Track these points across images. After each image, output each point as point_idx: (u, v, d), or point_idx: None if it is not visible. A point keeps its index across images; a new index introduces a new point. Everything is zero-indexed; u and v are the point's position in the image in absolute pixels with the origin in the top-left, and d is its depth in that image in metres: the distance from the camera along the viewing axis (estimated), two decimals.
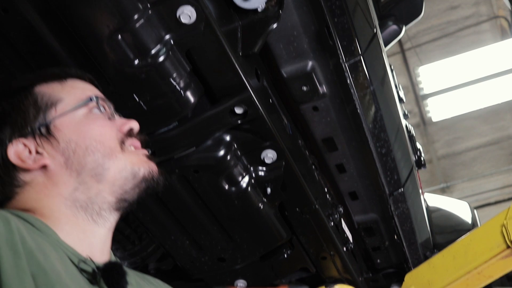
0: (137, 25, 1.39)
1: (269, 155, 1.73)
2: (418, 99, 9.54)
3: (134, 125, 1.25)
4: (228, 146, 1.69)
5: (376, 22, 2.01)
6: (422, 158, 2.65)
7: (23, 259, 0.94)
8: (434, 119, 9.71)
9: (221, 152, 1.68)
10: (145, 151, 1.25)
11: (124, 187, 1.16)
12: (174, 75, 1.49)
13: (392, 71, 2.74)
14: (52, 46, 1.43)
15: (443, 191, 9.80)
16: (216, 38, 1.49)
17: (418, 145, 2.73)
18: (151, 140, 1.62)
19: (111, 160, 1.16)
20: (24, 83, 1.22)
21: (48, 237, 1.05)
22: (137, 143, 1.24)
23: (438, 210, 3.72)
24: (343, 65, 1.78)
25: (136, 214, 1.84)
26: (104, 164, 1.15)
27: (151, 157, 1.25)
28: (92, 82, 1.31)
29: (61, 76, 1.25)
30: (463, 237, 2.36)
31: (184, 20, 1.42)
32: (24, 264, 0.94)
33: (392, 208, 2.21)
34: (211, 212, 1.84)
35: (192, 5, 1.41)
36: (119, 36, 1.38)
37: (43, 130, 1.15)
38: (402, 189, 2.19)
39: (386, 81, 2.09)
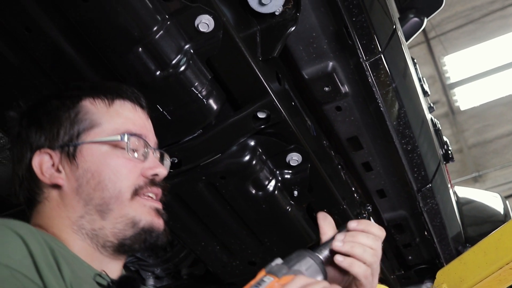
0: (157, 36, 1.40)
1: (294, 158, 1.74)
2: (445, 88, 9.42)
3: (161, 172, 1.21)
4: (253, 151, 1.70)
5: (396, 17, 1.99)
6: (449, 152, 2.62)
7: (58, 273, 0.97)
8: (463, 108, 9.57)
9: (247, 158, 1.69)
10: (157, 205, 1.21)
11: (124, 232, 1.15)
12: (196, 84, 1.50)
13: (415, 64, 2.72)
14: (74, 61, 1.45)
15: (475, 180, 9.66)
16: (235, 45, 1.50)
17: (445, 138, 2.70)
18: (177, 149, 1.64)
19: (116, 204, 1.14)
20: (74, 93, 1.21)
21: (64, 251, 1.07)
22: (157, 191, 1.21)
23: (469, 202, 3.68)
24: (363, 64, 1.78)
25: (167, 222, 1.86)
26: (109, 204, 1.14)
27: (161, 212, 1.21)
28: (143, 108, 1.27)
29: (111, 94, 1.22)
30: (493, 232, 2.33)
31: (203, 29, 1.43)
32: (59, 278, 0.97)
33: (421, 205, 2.20)
34: (239, 216, 1.85)
35: (210, 14, 1.42)
36: (140, 49, 1.40)
37: (70, 149, 1.15)
38: (430, 184, 2.18)
39: (408, 77, 2.08)
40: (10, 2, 1.33)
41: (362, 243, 1.13)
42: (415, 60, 2.80)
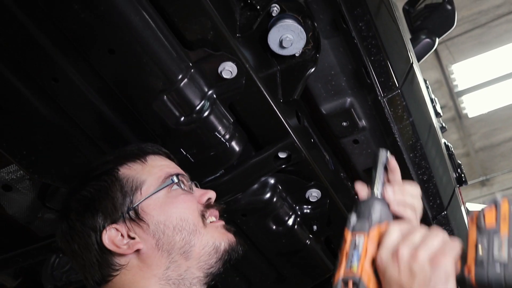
0: (181, 84, 1.43)
1: (314, 194, 1.77)
2: (452, 92, 9.41)
3: (212, 195, 1.32)
4: (273, 189, 1.73)
5: (412, 54, 2.01)
6: (463, 175, 2.64)
7: None
8: (470, 115, 9.57)
9: (267, 195, 1.72)
10: (222, 222, 1.31)
11: (209, 261, 1.22)
12: (219, 128, 1.53)
13: (427, 85, 2.74)
14: (100, 109, 1.48)
15: (482, 184, 9.66)
16: (257, 89, 1.53)
17: (458, 161, 2.72)
18: None
19: (196, 236, 1.22)
20: (107, 167, 1.28)
21: None
22: (216, 213, 1.31)
23: None
24: (381, 100, 1.80)
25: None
26: (190, 241, 1.21)
27: (229, 227, 1.31)
28: (168, 156, 1.38)
29: (140, 155, 1.31)
30: None
31: (226, 75, 1.46)
32: None
33: None
34: (259, 250, 1.88)
35: (233, 61, 1.45)
36: (165, 97, 1.43)
37: (132, 214, 1.21)
38: (445, 212, 2.20)
39: (424, 108, 2.10)
40: (39, 53, 1.36)
41: (409, 191, 1.26)
42: (427, 82, 2.82)
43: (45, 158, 1.56)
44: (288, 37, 1.54)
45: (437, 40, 2.99)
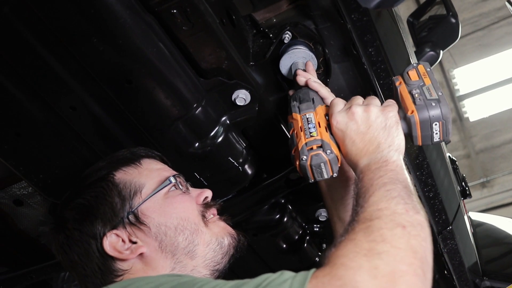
0: (196, 112, 1.47)
1: (324, 214, 1.81)
2: (453, 95, 9.44)
3: (208, 194, 1.34)
4: (283, 209, 1.77)
5: None
6: (467, 188, 2.67)
7: None
8: (472, 119, 9.59)
9: (278, 215, 1.76)
10: (222, 218, 1.33)
11: (215, 258, 1.24)
12: (232, 152, 1.56)
13: None
14: (116, 135, 1.51)
15: (483, 185, 9.69)
16: (270, 115, 1.57)
17: (463, 174, 2.75)
18: None
19: (198, 235, 1.23)
20: (102, 173, 1.28)
21: None
22: (215, 211, 1.33)
23: (481, 224, 3.73)
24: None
25: None
26: (193, 240, 1.22)
27: (227, 219, 1.33)
28: (161, 159, 1.40)
29: (133, 159, 1.32)
30: None
31: (240, 103, 1.50)
32: None
33: (441, 246, 2.25)
34: (269, 267, 1.92)
35: (247, 89, 1.48)
36: (180, 124, 1.46)
37: (132, 218, 1.21)
38: (450, 227, 2.23)
39: None
40: (58, 84, 1.39)
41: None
42: None
43: (61, 181, 1.59)
44: (298, 62, 1.57)
45: (441, 53, 3.01)
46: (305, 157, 1.22)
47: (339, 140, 1.24)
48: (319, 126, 1.26)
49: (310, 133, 1.25)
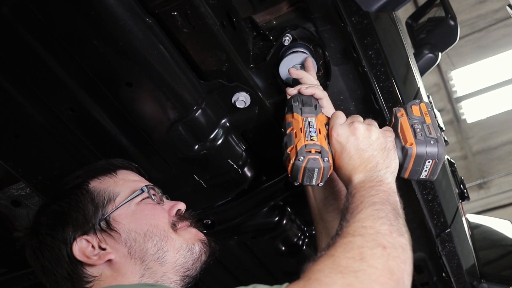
0: (196, 114, 1.47)
1: None
2: (450, 96, 9.45)
3: (181, 206, 1.35)
4: (282, 211, 1.77)
5: (418, 76, 2.04)
6: (465, 190, 2.67)
7: None
8: (469, 121, 9.61)
9: (277, 218, 1.76)
10: (192, 224, 1.34)
11: (185, 264, 1.25)
12: (232, 155, 1.56)
13: (430, 103, 2.77)
14: (115, 137, 1.51)
15: (479, 187, 9.70)
16: (270, 118, 1.56)
17: (461, 177, 2.75)
18: (211, 212, 1.71)
19: (168, 242, 1.24)
20: (77, 181, 1.31)
21: None
22: (188, 223, 1.33)
23: (479, 226, 3.74)
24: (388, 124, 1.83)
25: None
26: (163, 247, 1.23)
27: (199, 226, 1.34)
28: (138, 171, 1.41)
29: (110, 169, 1.34)
30: None
31: (240, 105, 1.49)
32: None
33: (440, 249, 2.25)
34: (268, 269, 1.92)
35: (247, 92, 1.48)
36: (180, 126, 1.46)
37: (103, 225, 1.23)
38: (449, 229, 2.23)
39: None
40: (57, 86, 1.38)
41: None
42: (430, 98, 2.85)
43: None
44: (299, 66, 1.56)
45: (439, 55, 3.01)
46: (302, 157, 1.21)
47: (336, 152, 1.25)
48: (319, 133, 1.27)
49: (311, 136, 1.25)
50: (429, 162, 1.25)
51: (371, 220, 1.07)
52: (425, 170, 1.27)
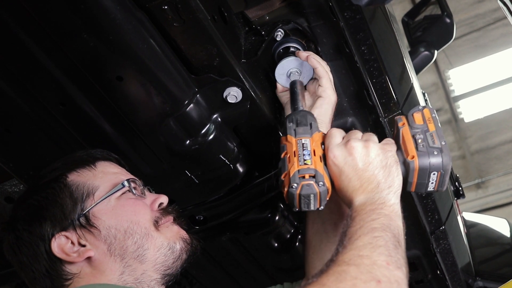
0: (187, 109, 1.46)
1: None
2: (448, 95, 9.46)
3: (163, 199, 1.31)
4: (275, 208, 1.76)
5: (413, 73, 2.04)
6: (460, 188, 2.67)
7: None
8: (467, 120, 9.61)
9: (270, 214, 1.75)
10: (175, 221, 1.31)
11: (166, 263, 1.23)
12: (223, 150, 1.56)
13: (426, 101, 2.76)
14: (106, 132, 1.50)
15: (478, 186, 9.70)
16: (261, 113, 1.56)
17: (456, 174, 2.75)
18: (203, 208, 1.70)
19: (148, 240, 1.22)
20: (55, 174, 1.27)
21: None
22: (170, 219, 1.30)
23: (475, 225, 3.73)
24: (382, 120, 1.82)
25: (190, 271, 1.92)
26: (143, 245, 1.21)
27: (181, 223, 1.31)
28: (118, 162, 1.38)
29: (89, 161, 1.30)
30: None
31: (231, 100, 1.49)
32: None
33: (434, 246, 2.25)
34: (261, 266, 1.91)
35: (238, 87, 1.47)
36: (171, 121, 1.45)
37: (82, 220, 1.20)
38: (443, 226, 2.23)
39: None
40: (48, 80, 1.37)
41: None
42: (426, 95, 2.85)
43: None
44: (296, 70, 1.55)
45: (435, 52, 3.01)
46: (295, 184, 1.15)
47: (334, 175, 1.18)
48: (314, 155, 1.20)
49: (304, 160, 1.18)
50: (434, 174, 1.18)
51: (369, 249, 1.02)
52: (432, 183, 1.19)
